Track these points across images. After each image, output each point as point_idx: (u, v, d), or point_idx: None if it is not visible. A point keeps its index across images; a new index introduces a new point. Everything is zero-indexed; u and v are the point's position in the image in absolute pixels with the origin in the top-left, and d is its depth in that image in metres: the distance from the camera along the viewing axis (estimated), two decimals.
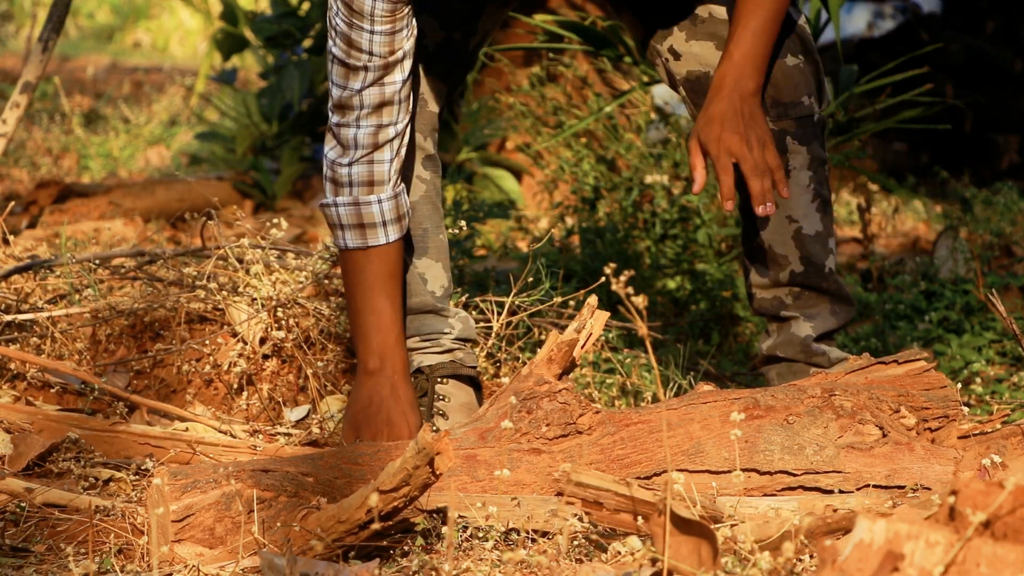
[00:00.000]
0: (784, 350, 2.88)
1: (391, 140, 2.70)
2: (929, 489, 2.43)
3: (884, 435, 2.45)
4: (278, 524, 2.16)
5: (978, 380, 3.36)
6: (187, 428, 2.81)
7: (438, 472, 2.07)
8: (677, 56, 2.81)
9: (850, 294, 2.91)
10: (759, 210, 2.65)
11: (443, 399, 2.85)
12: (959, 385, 2.86)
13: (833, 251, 2.86)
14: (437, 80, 2.84)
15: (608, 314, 2.58)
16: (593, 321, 2.56)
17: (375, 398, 2.71)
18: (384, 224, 2.71)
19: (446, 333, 2.89)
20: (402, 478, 2.05)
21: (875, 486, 2.42)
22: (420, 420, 2.72)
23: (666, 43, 2.81)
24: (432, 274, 2.85)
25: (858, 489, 2.42)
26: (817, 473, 2.42)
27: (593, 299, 2.58)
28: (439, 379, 2.87)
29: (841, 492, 2.42)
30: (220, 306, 3.10)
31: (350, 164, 2.70)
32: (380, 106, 2.69)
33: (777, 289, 2.86)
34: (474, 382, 2.90)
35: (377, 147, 2.70)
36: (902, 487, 2.43)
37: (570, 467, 2.13)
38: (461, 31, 2.83)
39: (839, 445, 2.43)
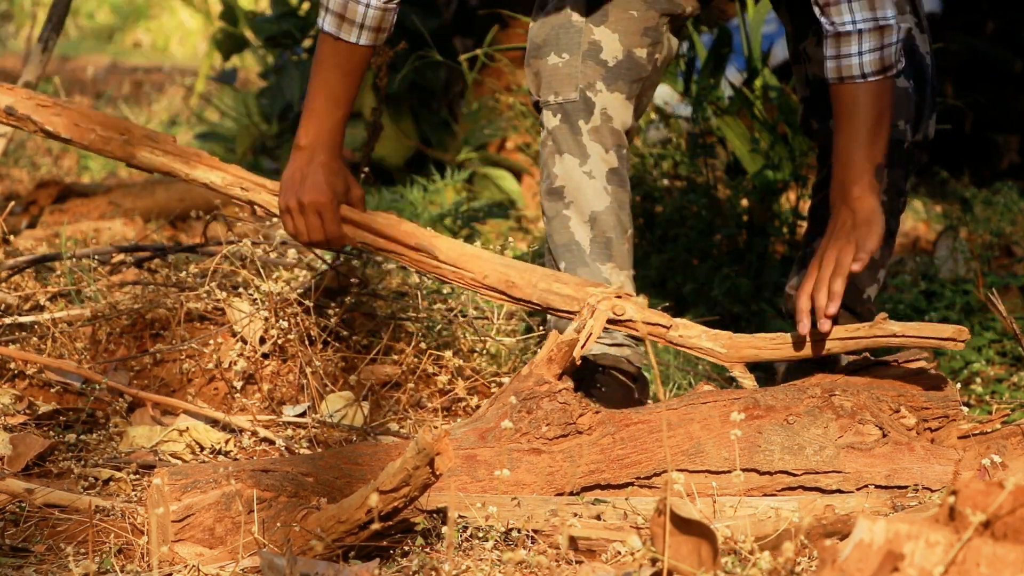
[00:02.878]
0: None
1: None
2: (929, 489, 2.43)
3: (884, 435, 2.45)
4: (278, 524, 2.16)
5: (978, 380, 3.36)
6: (187, 428, 2.81)
7: (438, 472, 2.06)
8: (808, 59, 2.90)
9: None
10: (798, 327, 2.63)
11: (599, 388, 2.88)
12: (959, 385, 2.86)
13: (879, 281, 2.89)
14: (620, 96, 2.91)
15: (608, 314, 2.58)
16: (593, 322, 2.56)
17: (299, 168, 2.76)
18: (361, 27, 2.75)
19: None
20: (402, 478, 2.05)
21: (875, 486, 2.42)
22: (344, 186, 2.77)
23: (803, 44, 2.91)
24: (615, 280, 2.91)
25: (858, 489, 2.42)
26: (817, 473, 2.42)
27: (592, 299, 2.58)
28: (600, 368, 2.91)
29: (841, 492, 2.42)
30: (220, 305, 3.10)
31: None
32: None
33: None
34: (635, 378, 2.94)
35: None
36: (902, 487, 2.43)
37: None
38: (645, 48, 2.91)
39: (839, 445, 2.43)
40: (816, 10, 2.63)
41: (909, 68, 2.83)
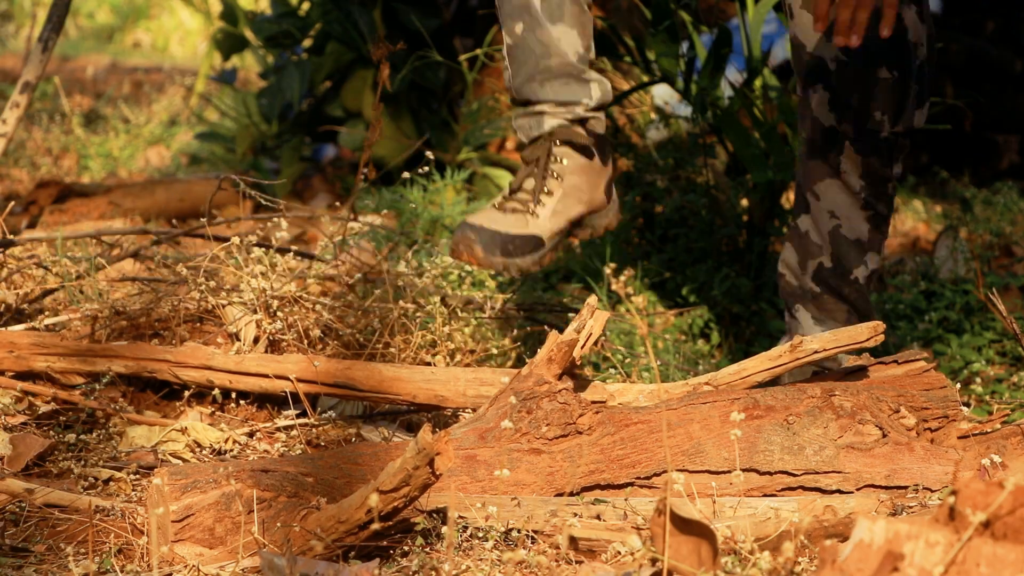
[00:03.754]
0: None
1: None
2: (929, 489, 2.43)
3: (884, 435, 2.45)
4: (278, 524, 2.16)
5: (978, 380, 3.36)
6: (184, 428, 2.81)
7: (438, 472, 2.06)
8: (791, 15, 2.84)
9: (872, 311, 2.92)
10: (836, 39, 2.60)
11: (559, 161, 2.85)
12: (959, 385, 2.87)
13: (867, 263, 2.88)
14: None
15: (609, 314, 2.58)
16: (593, 322, 2.56)
17: None
18: None
19: (583, 103, 2.89)
20: (402, 478, 2.05)
21: (875, 486, 2.42)
22: None
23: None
24: (568, 40, 2.84)
25: (858, 489, 2.42)
26: (817, 473, 2.42)
27: (593, 299, 2.58)
28: (555, 142, 2.87)
29: (841, 492, 2.42)
30: (216, 303, 3.10)
31: None
32: None
33: (801, 278, 2.91)
34: (590, 151, 2.90)
35: None
36: (902, 487, 2.43)
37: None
38: None
39: (839, 445, 2.43)
40: None
41: (893, 58, 2.81)
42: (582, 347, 2.54)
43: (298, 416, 2.99)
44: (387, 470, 2.06)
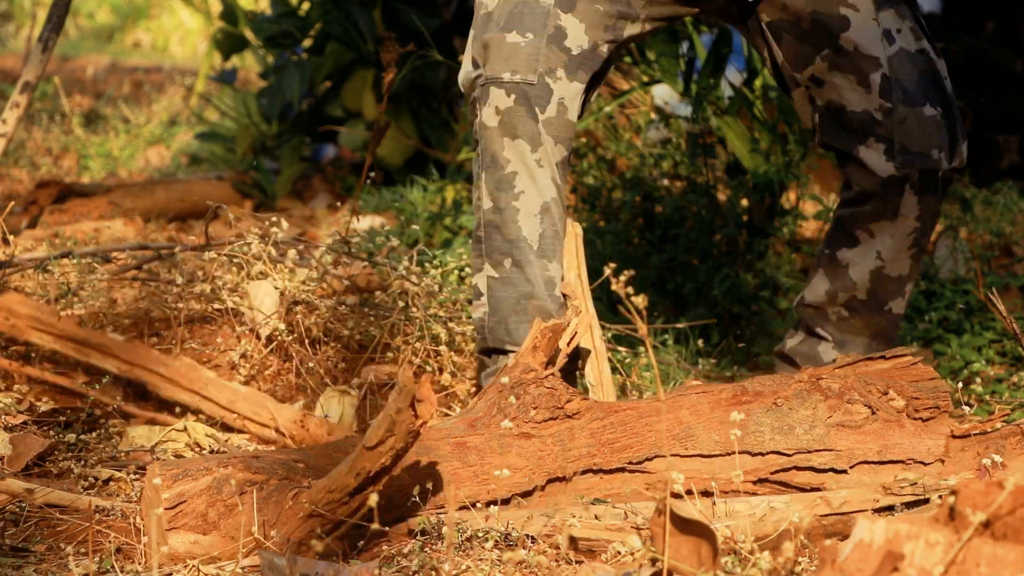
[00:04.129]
0: (803, 360, 2.90)
1: None
2: (922, 463, 2.44)
3: (873, 413, 2.46)
4: (274, 501, 2.16)
5: (978, 380, 3.36)
6: (184, 428, 2.81)
7: (421, 418, 2.04)
8: (820, 84, 2.79)
9: (894, 336, 2.90)
10: None
11: None
12: (959, 385, 2.87)
13: (904, 296, 2.84)
14: (579, 87, 2.76)
15: (590, 317, 2.57)
16: (578, 321, 2.57)
17: None
18: None
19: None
20: (386, 427, 2.04)
21: (868, 462, 2.43)
22: None
23: (808, 71, 2.78)
24: (559, 279, 2.80)
25: (852, 467, 2.42)
26: (809, 452, 2.42)
27: (581, 301, 2.59)
28: None
29: (835, 471, 2.42)
30: (220, 306, 3.10)
31: None
32: None
33: (829, 305, 2.86)
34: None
35: None
36: (895, 462, 2.44)
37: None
38: (607, 44, 2.78)
39: (829, 424, 2.44)
40: None
41: (935, 95, 2.78)
42: (568, 344, 2.54)
43: None
44: (372, 425, 2.05)
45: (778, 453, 2.42)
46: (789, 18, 2.77)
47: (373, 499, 1.84)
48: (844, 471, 2.43)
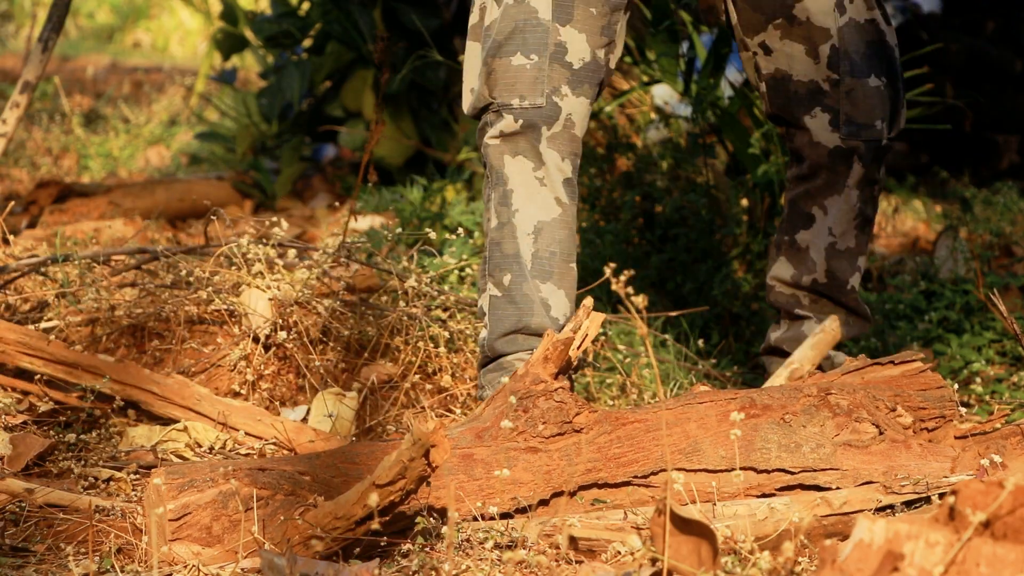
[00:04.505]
0: (791, 346, 2.91)
1: None
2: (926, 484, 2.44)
3: (880, 433, 2.46)
4: (280, 519, 2.16)
5: (978, 380, 3.36)
6: (184, 427, 2.81)
7: (434, 464, 2.06)
8: (768, 52, 2.82)
9: (867, 311, 2.93)
10: None
11: None
12: (957, 386, 2.87)
13: (859, 269, 2.90)
14: (584, 101, 2.78)
15: (604, 315, 2.58)
16: (589, 322, 2.56)
17: None
18: None
19: None
20: (398, 471, 2.05)
21: (873, 483, 2.43)
22: None
23: (758, 38, 2.82)
24: (556, 300, 2.79)
25: (857, 487, 2.42)
26: (815, 471, 2.42)
27: (589, 300, 2.59)
28: None
29: (840, 491, 2.42)
30: (220, 307, 3.10)
31: None
32: None
33: (796, 290, 2.91)
34: None
35: None
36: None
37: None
38: (604, 49, 2.78)
39: (836, 443, 2.44)
40: None
41: (881, 66, 2.81)
42: (578, 347, 2.54)
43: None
44: (383, 463, 2.06)
45: (783, 471, 2.42)
46: None
47: (377, 524, 1.85)
48: (847, 489, 2.43)
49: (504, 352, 2.80)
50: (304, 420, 2.97)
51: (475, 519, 2.28)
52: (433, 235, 3.48)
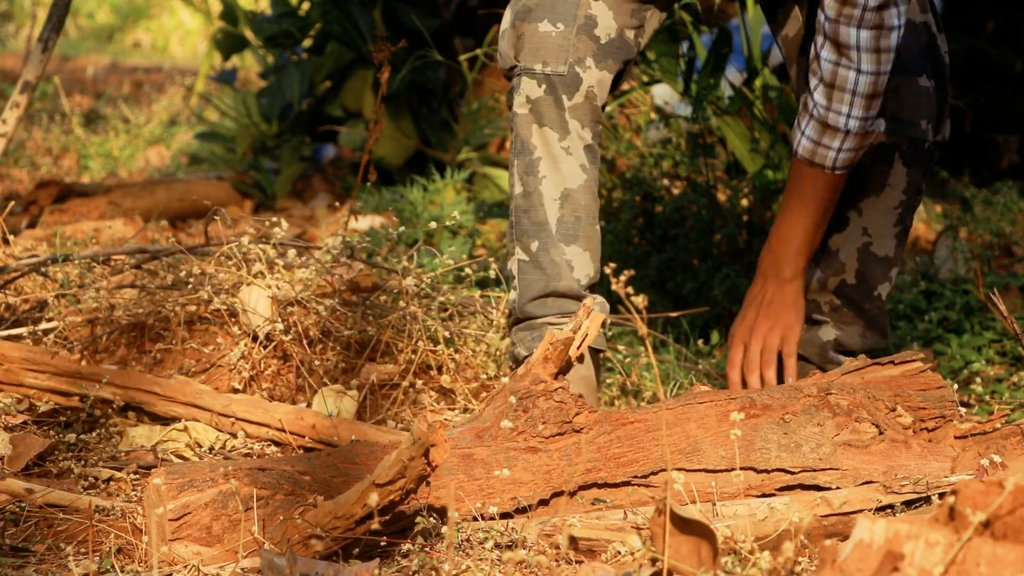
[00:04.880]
0: (802, 348, 2.91)
1: None
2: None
3: (880, 433, 2.46)
4: (279, 519, 2.16)
5: (978, 380, 3.36)
6: (185, 427, 2.81)
7: (434, 464, 2.06)
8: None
9: (887, 328, 2.92)
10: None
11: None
12: (956, 386, 2.87)
13: (891, 280, 2.88)
14: (607, 75, 2.83)
15: (604, 316, 2.58)
16: (588, 322, 2.56)
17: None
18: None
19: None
20: (398, 470, 2.05)
21: (873, 483, 2.43)
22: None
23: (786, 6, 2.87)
24: (579, 262, 2.86)
25: (857, 487, 2.42)
26: (815, 471, 2.42)
27: (589, 301, 2.59)
28: None
29: (839, 490, 2.42)
30: (220, 306, 3.10)
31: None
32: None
33: (820, 294, 2.89)
34: (595, 358, 2.92)
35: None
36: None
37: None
38: (633, 29, 2.84)
39: (836, 443, 2.44)
40: (816, 83, 2.64)
41: (930, 67, 2.80)
42: (578, 347, 2.54)
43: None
44: (383, 463, 2.06)
45: (783, 471, 2.42)
46: None
47: (377, 524, 1.85)
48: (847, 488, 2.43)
49: (535, 315, 2.88)
50: None
51: (475, 519, 2.29)
52: (434, 225, 3.48)
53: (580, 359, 2.87)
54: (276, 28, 5.76)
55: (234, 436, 2.82)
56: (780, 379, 2.86)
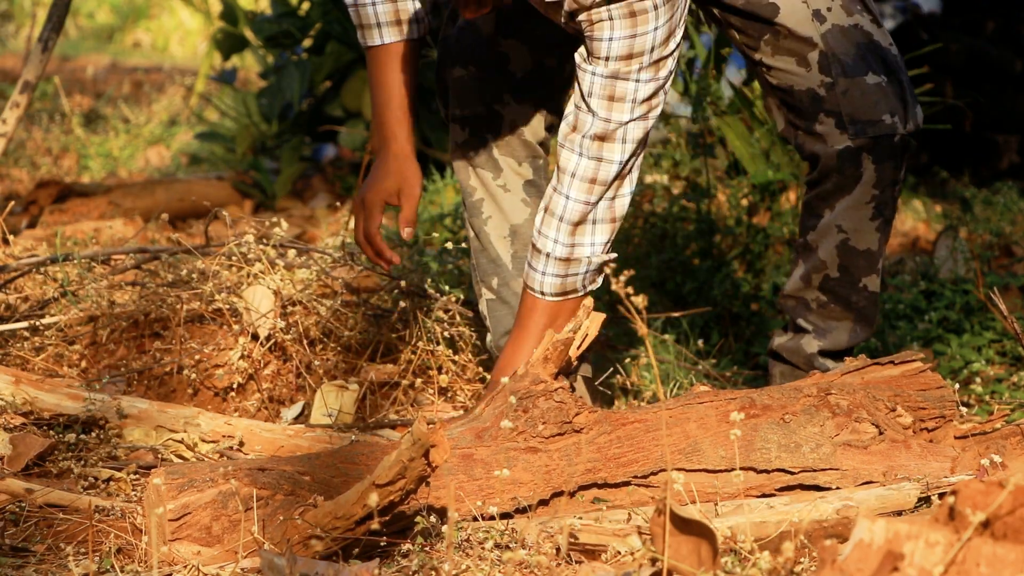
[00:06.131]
0: (790, 355, 2.93)
1: None
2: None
3: (880, 433, 2.46)
4: (279, 519, 2.16)
5: (978, 380, 3.36)
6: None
7: (434, 464, 2.06)
8: (768, 68, 2.86)
9: (875, 318, 2.92)
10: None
11: None
12: (958, 385, 2.87)
13: (877, 273, 2.89)
14: (530, 108, 2.89)
15: (604, 316, 2.58)
16: (589, 323, 2.56)
17: (381, 167, 2.79)
18: (379, 26, 2.75)
19: None
20: (398, 471, 2.05)
21: (873, 483, 2.43)
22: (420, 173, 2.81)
23: (757, 55, 2.86)
24: None
25: (857, 487, 2.42)
26: (815, 471, 2.42)
27: (589, 301, 2.59)
28: None
29: (840, 491, 2.42)
30: (220, 305, 3.10)
31: None
32: None
33: (806, 290, 2.90)
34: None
35: None
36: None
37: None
38: (556, 57, 2.87)
39: (836, 443, 2.44)
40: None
41: (874, 63, 2.82)
42: (578, 347, 2.54)
43: (296, 419, 2.99)
44: (383, 463, 2.06)
45: (784, 471, 2.42)
46: (730, 5, 2.84)
47: (376, 524, 1.85)
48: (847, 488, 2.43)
49: None
50: (301, 415, 2.97)
51: (475, 519, 2.29)
52: (436, 234, 3.48)
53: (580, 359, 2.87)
54: (276, 28, 5.76)
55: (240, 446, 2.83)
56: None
